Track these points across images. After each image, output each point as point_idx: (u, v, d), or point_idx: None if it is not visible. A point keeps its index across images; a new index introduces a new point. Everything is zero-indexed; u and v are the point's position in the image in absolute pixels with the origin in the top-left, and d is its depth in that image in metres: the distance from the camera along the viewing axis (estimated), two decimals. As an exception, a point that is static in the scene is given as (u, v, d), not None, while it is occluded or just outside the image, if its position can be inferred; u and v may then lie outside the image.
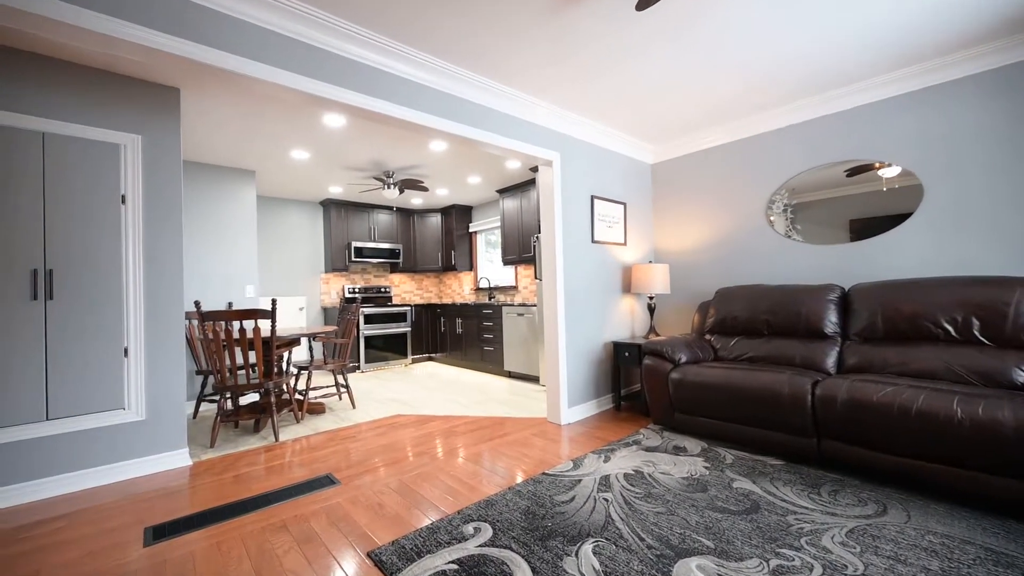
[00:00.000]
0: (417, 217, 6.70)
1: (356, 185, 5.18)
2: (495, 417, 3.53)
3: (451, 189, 5.56)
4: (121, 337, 2.45)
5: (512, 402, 4.01)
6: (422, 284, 7.12)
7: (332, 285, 6.19)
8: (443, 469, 2.49)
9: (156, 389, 2.55)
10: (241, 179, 4.38)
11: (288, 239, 5.82)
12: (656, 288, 3.69)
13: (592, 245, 3.65)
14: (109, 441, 2.40)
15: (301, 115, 3.21)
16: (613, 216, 3.85)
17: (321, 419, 3.57)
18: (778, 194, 3.45)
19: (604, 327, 3.72)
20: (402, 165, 4.47)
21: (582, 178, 3.57)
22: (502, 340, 5.17)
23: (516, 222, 5.36)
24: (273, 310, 3.00)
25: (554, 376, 3.33)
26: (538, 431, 3.14)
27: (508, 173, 4.96)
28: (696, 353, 3.08)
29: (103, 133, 2.42)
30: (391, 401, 4.15)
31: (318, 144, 3.81)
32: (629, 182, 4.05)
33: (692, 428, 2.84)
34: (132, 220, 2.49)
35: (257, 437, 3.14)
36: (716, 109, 3.32)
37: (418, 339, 6.35)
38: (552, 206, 3.33)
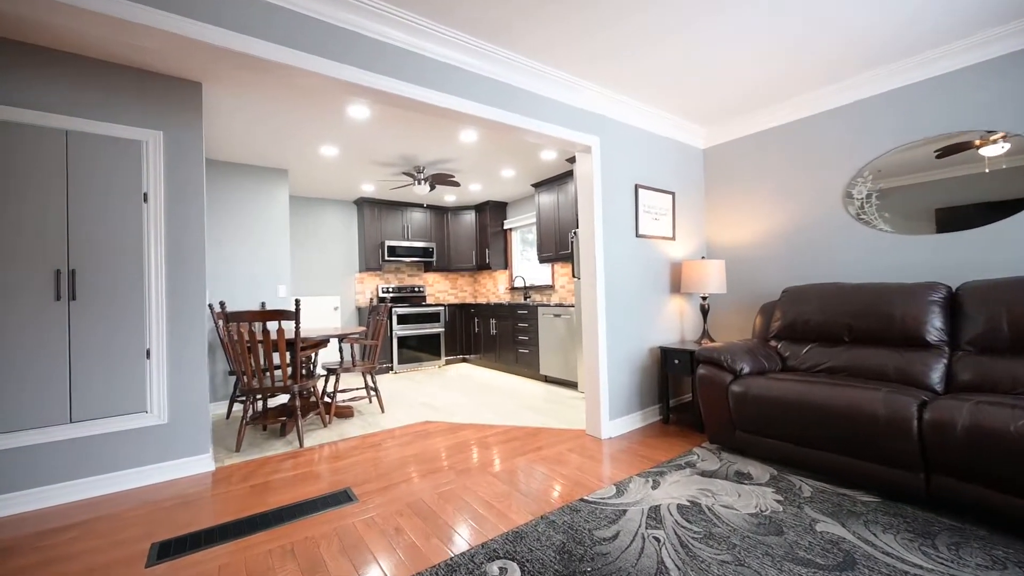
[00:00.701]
0: (451, 215, 6.54)
1: (387, 182, 5.07)
2: (529, 427, 3.26)
3: (484, 184, 5.34)
4: (143, 338, 2.38)
5: (547, 410, 3.72)
6: (456, 283, 6.97)
7: (366, 285, 6.14)
8: (469, 488, 2.25)
9: (178, 392, 2.48)
10: (274, 178, 4.36)
11: (323, 239, 5.82)
12: (710, 287, 3.28)
13: (636, 240, 3.29)
14: (131, 445, 2.34)
15: (327, 109, 3.07)
16: (660, 207, 3.47)
17: (348, 424, 3.44)
18: (859, 177, 2.95)
19: (650, 330, 3.35)
20: (432, 159, 4.29)
21: (625, 165, 3.22)
22: (538, 342, 4.88)
23: (552, 217, 5.06)
24: (297, 311, 2.88)
25: (594, 384, 3.01)
26: (575, 445, 2.84)
27: (543, 165, 4.66)
28: (760, 362, 2.67)
29: (124, 130, 2.36)
30: (421, 406, 3.97)
31: (346, 139, 3.69)
32: (678, 169, 3.65)
33: (757, 450, 2.44)
34: (154, 218, 2.42)
35: (283, 442, 3.04)
36: (780, 82, 2.87)
37: (452, 340, 6.19)
38: (591, 197, 3.01)
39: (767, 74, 2.78)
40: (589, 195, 3.03)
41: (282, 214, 4.38)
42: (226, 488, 2.31)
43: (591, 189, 3.01)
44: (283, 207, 4.39)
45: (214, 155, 3.95)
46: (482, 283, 6.98)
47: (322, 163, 4.30)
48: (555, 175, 5.02)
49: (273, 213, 4.33)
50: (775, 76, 2.81)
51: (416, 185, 4.43)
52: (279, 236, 4.35)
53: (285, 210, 4.40)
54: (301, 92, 2.83)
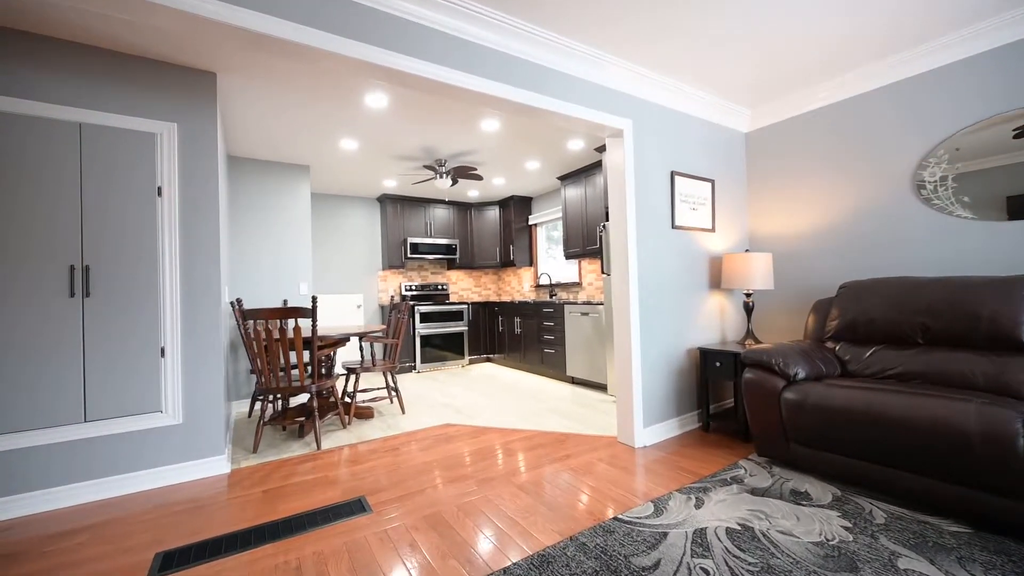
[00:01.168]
0: (474, 211, 6.39)
1: (408, 176, 4.95)
2: (556, 433, 3.05)
3: (508, 178, 5.16)
4: (157, 336, 2.32)
5: (575, 414, 3.50)
6: (480, 281, 6.82)
7: (389, 282, 6.07)
8: (491, 500, 2.07)
9: (193, 391, 2.41)
10: (296, 174, 4.31)
11: (346, 236, 5.78)
12: (755, 283, 2.98)
13: (672, 232, 3.03)
14: (145, 445, 2.28)
15: (344, 98, 2.96)
16: (698, 196, 3.20)
17: (368, 425, 3.33)
18: (932, 158, 2.60)
19: (687, 330, 3.08)
20: (454, 151, 4.14)
21: (659, 150, 2.97)
22: (564, 342, 4.67)
23: (579, 211, 4.83)
24: (313, 309, 2.77)
25: (626, 388, 2.78)
26: (607, 454, 2.62)
27: (570, 156, 4.44)
28: (817, 366, 2.37)
29: (138, 122, 2.30)
30: (443, 407, 3.83)
31: (365, 131, 3.58)
32: (717, 155, 3.36)
33: (815, 466, 2.16)
34: (168, 213, 2.36)
35: (301, 443, 2.95)
36: (838, 51, 2.56)
37: (475, 339, 6.04)
38: (623, 186, 2.77)
39: (823, 42, 2.47)
40: (621, 183, 2.79)
41: (304, 211, 4.33)
42: (239, 493, 2.22)
43: (623, 177, 2.77)
44: (305, 204, 4.34)
45: (235, 152, 3.92)
46: (506, 280, 6.81)
47: (343, 158, 4.22)
48: (582, 167, 4.78)
49: (295, 210, 4.29)
50: (832, 43, 2.50)
51: (437, 179, 4.29)
52: (301, 233, 4.30)
53: (307, 207, 4.35)
54: (318, 81, 2.72)
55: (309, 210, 4.36)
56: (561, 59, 2.45)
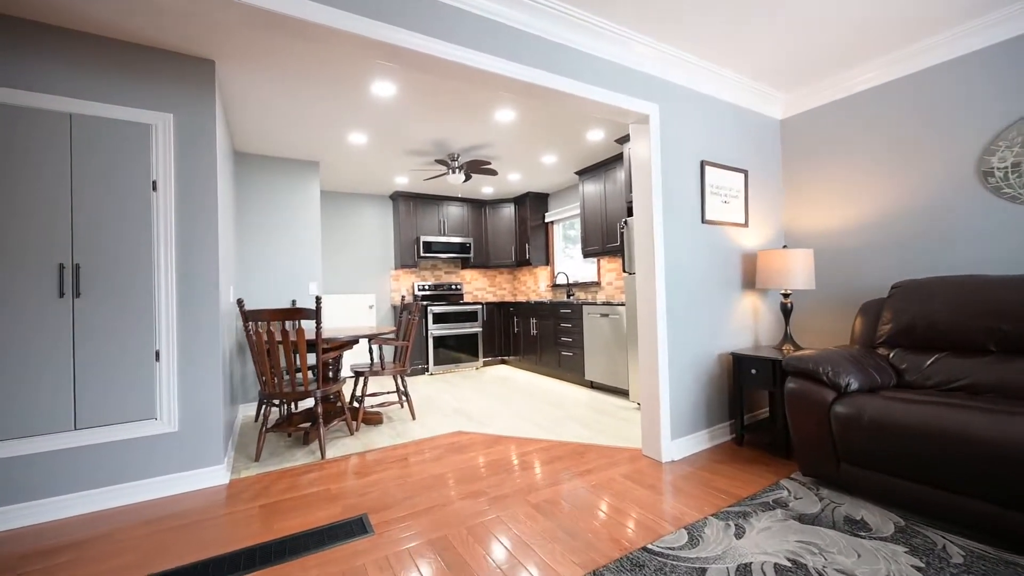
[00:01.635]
0: (489, 208, 6.21)
1: (420, 172, 4.79)
2: (575, 443, 2.84)
3: (524, 173, 4.95)
4: (152, 339, 2.19)
5: (595, 422, 3.28)
6: (495, 280, 6.63)
7: (402, 282, 5.93)
8: (504, 522, 1.87)
9: (190, 397, 2.28)
10: (304, 171, 4.19)
11: (358, 235, 5.66)
12: (795, 282, 2.72)
13: (702, 227, 2.78)
14: (138, 455, 2.15)
15: (350, 87, 2.80)
16: (730, 188, 2.94)
17: (376, 432, 3.17)
18: (1002, 141, 2.30)
19: (718, 333, 2.83)
20: (466, 145, 3.96)
21: (688, 138, 2.73)
22: (582, 344, 4.44)
23: (598, 208, 4.59)
24: (317, 309, 2.62)
25: (652, 396, 2.55)
26: (631, 469, 2.39)
27: (589, 149, 4.21)
28: (871, 376, 2.11)
29: (132, 112, 2.17)
30: (455, 413, 3.65)
31: (374, 124, 3.42)
32: (750, 144, 3.09)
33: (871, 489, 1.90)
34: (164, 209, 2.23)
35: (305, 451, 2.80)
36: (886, 27, 2.28)
37: (490, 340, 5.86)
38: (649, 176, 2.54)
39: (871, 13, 2.20)
40: (646, 174, 2.56)
41: (314, 209, 4.21)
42: (235, 507, 2.07)
43: (648, 167, 2.54)
44: (315, 201, 4.22)
45: (242, 148, 3.81)
46: (522, 280, 6.61)
47: (352, 153, 4.08)
48: (601, 160, 4.54)
49: (305, 208, 4.17)
50: (883, 14, 2.22)
51: (450, 174, 4.11)
52: (310, 232, 4.19)
53: (316, 205, 4.23)
54: (321, 69, 2.57)
55: (319, 208, 4.24)
56: (581, 37, 2.24)
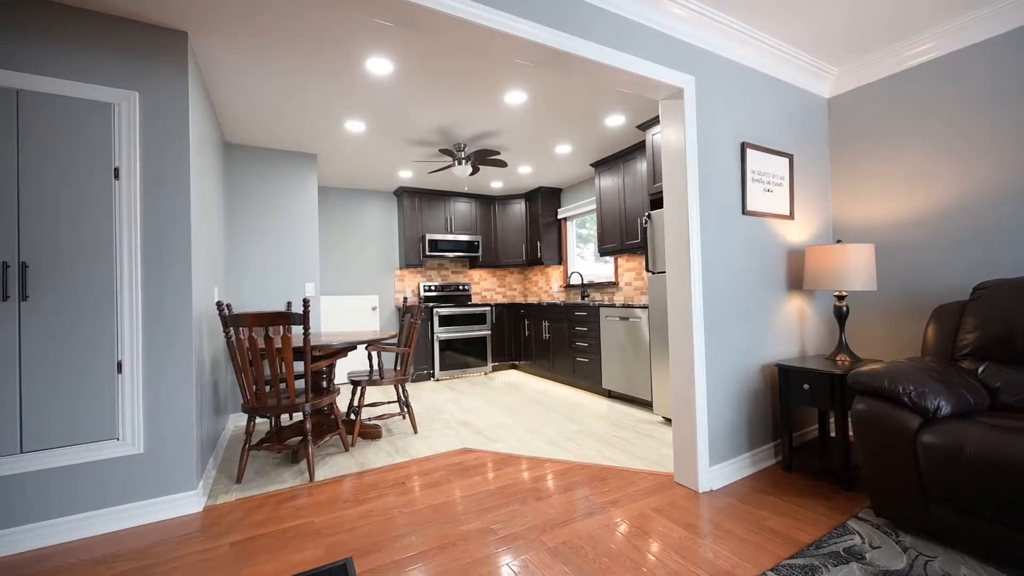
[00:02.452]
0: (498, 204, 5.89)
1: (424, 164, 4.49)
2: (595, 466, 2.50)
3: (536, 165, 4.62)
4: (113, 348, 1.91)
5: (617, 439, 2.94)
6: (504, 281, 6.31)
7: (407, 283, 5.65)
8: (514, 572, 1.54)
9: (158, 414, 1.99)
10: (301, 164, 3.92)
11: (360, 233, 5.38)
12: (852, 282, 2.34)
13: (743, 219, 2.43)
14: (96, 481, 1.87)
15: (342, 64, 2.50)
16: (773, 175, 2.58)
17: (374, 448, 2.87)
18: (1117, 110, 1.90)
19: (760, 342, 2.47)
20: (474, 133, 3.64)
21: (727, 117, 2.37)
22: (599, 350, 4.09)
23: (616, 202, 4.24)
24: (305, 314, 2.33)
25: (686, 414, 2.20)
26: (663, 502, 2.05)
27: (607, 136, 3.86)
28: (963, 397, 1.73)
29: (90, 89, 1.90)
30: (462, 426, 3.33)
31: (372, 109, 3.12)
32: (795, 124, 2.72)
33: (973, 540, 1.53)
34: (127, 200, 1.95)
35: (293, 471, 2.51)
36: (988, -31, 1.90)
37: (499, 344, 5.54)
38: (682, 160, 2.20)
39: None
40: (679, 158, 2.21)
41: (311, 205, 3.94)
42: (203, 545, 1.78)
43: (682, 149, 2.20)
44: (312, 196, 3.95)
45: (232, 138, 3.55)
46: (533, 280, 6.27)
47: (351, 144, 3.79)
48: (620, 150, 4.19)
49: (301, 203, 3.90)
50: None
51: (456, 166, 3.80)
52: (308, 230, 3.91)
53: (314, 200, 3.95)
54: (309, 45, 2.27)
55: (316, 203, 3.96)
56: (606, -6, 1.90)
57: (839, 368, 2.20)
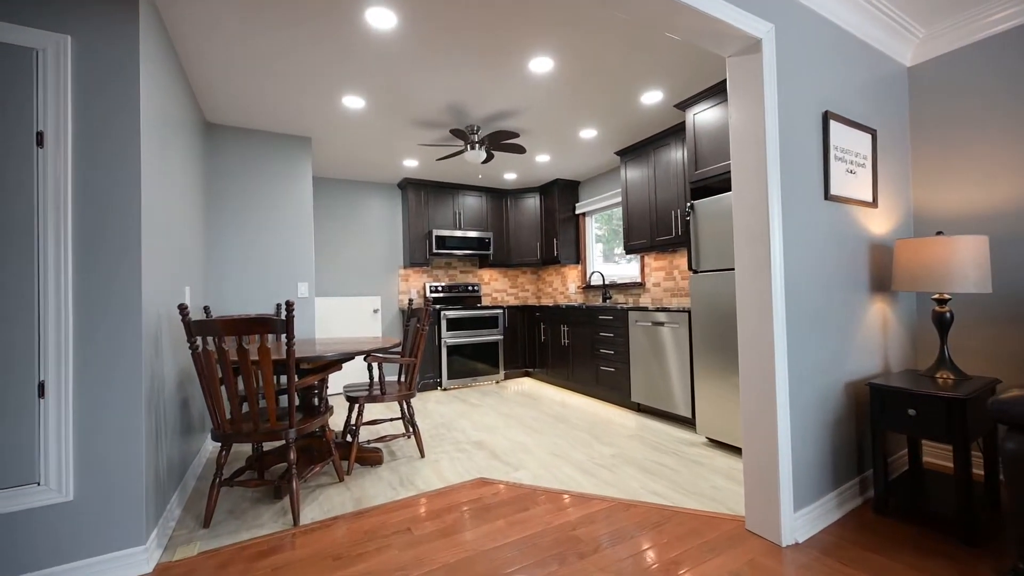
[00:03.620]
0: (511, 199, 5.46)
1: (432, 150, 4.06)
2: (641, 504, 2.06)
3: (555, 153, 4.19)
4: (32, 364, 1.49)
5: (658, 466, 2.49)
6: (516, 281, 5.87)
7: (412, 282, 5.22)
8: None
9: (94, 450, 1.56)
10: (293, 148, 3.50)
11: (361, 228, 4.96)
12: (960, 282, 1.89)
13: (824, 205, 1.98)
14: (8, 539, 1.44)
15: (335, 18, 2.08)
16: (857, 152, 2.13)
17: (373, 477, 2.44)
18: None
19: (843, 354, 2.03)
20: (489, 112, 3.21)
21: (807, 79, 1.93)
22: (628, 358, 3.65)
23: (644, 194, 3.81)
24: (288, 320, 1.90)
25: (764, 449, 1.75)
26: (741, 561, 1.60)
27: (639, 118, 3.42)
28: None
29: (5, 30, 1.47)
30: (475, 447, 2.90)
31: (373, 79, 2.70)
32: (877, 94, 2.28)
33: None
34: (54, 173, 1.52)
35: (275, 510, 2.08)
36: None
37: (512, 349, 5.10)
38: (759, 131, 1.76)
39: None
40: (755, 126, 1.77)
41: (305, 194, 3.52)
42: (145, 626, 1.35)
43: (759, 118, 1.76)
44: (306, 185, 3.53)
45: (213, 117, 3.13)
46: (547, 281, 5.83)
47: (350, 125, 3.37)
48: (649, 136, 3.76)
49: (294, 193, 3.48)
50: None
51: (468, 151, 3.37)
52: (301, 223, 3.49)
53: (308, 190, 3.53)
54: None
55: (311, 194, 3.54)
56: (675, -92, 1.47)
57: (950, 389, 1.76)
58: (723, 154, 2.83)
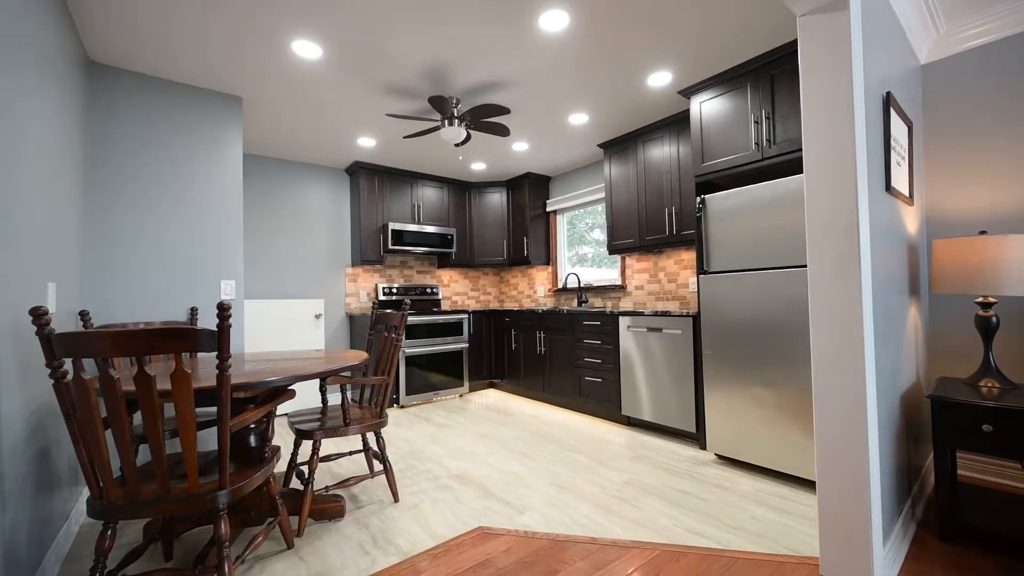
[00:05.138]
0: (475, 192, 4.97)
1: (400, 123, 3.47)
2: (689, 550, 1.69)
3: (536, 140, 3.78)
4: None
5: (680, 494, 2.15)
6: (477, 283, 5.38)
7: (361, 283, 4.52)
8: None
9: None
10: (217, 110, 2.74)
11: (301, 219, 4.18)
12: (1012, 284, 1.77)
13: (885, 198, 1.77)
14: None
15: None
16: (901, 144, 1.97)
17: (336, 537, 1.83)
18: None
19: (900, 364, 1.83)
20: (476, 82, 2.72)
21: (873, 52, 1.71)
22: (617, 368, 3.33)
23: (631, 191, 3.56)
24: (222, 331, 1.28)
25: (852, 481, 1.46)
26: (847, 629, 1.28)
27: (637, 103, 3.13)
28: None
29: None
30: (459, 483, 2.37)
31: (335, 23, 2.10)
32: (910, 85, 2.16)
33: None
34: None
35: (195, 608, 1.41)
36: None
37: (476, 359, 4.59)
38: (847, 100, 1.48)
39: None
40: (841, 95, 1.49)
41: (231, 171, 2.77)
42: None
43: (846, 84, 1.48)
44: (232, 159, 2.78)
45: (97, 53, 2.32)
46: (511, 283, 5.40)
47: (298, 83, 2.69)
48: (635, 130, 3.50)
49: (216, 167, 2.72)
50: None
51: (445, 127, 2.85)
52: (226, 205, 2.74)
53: (236, 164, 2.79)
54: None
55: (240, 169, 2.79)
56: None
57: (979, 397, 1.60)
58: (735, 146, 2.61)
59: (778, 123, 2.42)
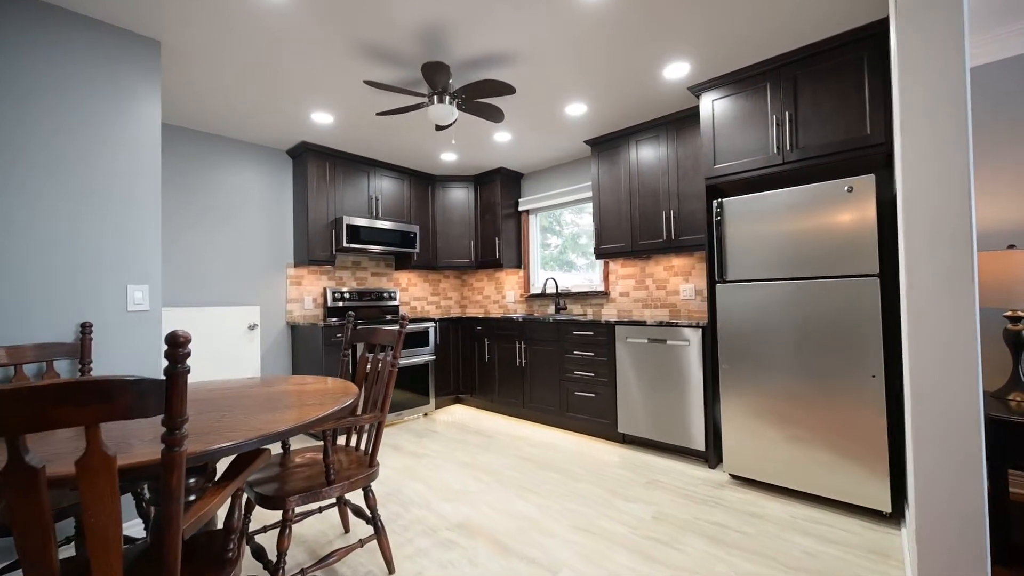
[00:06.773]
0: (439, 186, 4.48)
1: (365, 98, 2.91)
2: (773, 613, 1.44)
3: (521, 131, 3.41)
4: None
5: (715, 527, 1.93)
6: (438, 287, 4.88)
7: (307, 287, 3.82)
8: None
9: None
10: (127, 57, 2.03)
11: (231, 209, 3.41)
12: (1045, 299, 1.77)
13: (946, 205, 1.67)
14: None
15: None
16: (941, 152, 1.91)
17: (326, 647, 1.32)
18: None
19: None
20: (479, 51, 2.29)
21: (946, 51, 1.59)
22: (614, 382, 3.08)
23: (622, 193, 3.35)
24: (174, 379, 0.76)
25: (963, 501, 1.30)
26: None
27: (647, 97, 2.89)
28: None
29: None
30: (463, 534, 1.93)
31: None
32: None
33: None
34: None
35: None
36: None
37: (442, 372, 4.11)
38: (961, 85, 1.32)
39: None
40: (955, 79, 1.33)
41: (145, 139, 2.06)
42: None
43: (959, 66, 1.32)
44: (147, 128, 2.07)
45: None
46: (475, 288, 4.97)
47: (243, 27, 2.07)
48: (628, 127, 3.29)
49: (123, 134, 2.00)
50: None
51: (432, 103, 2.38)
52: (136, 189, 2.03)
53: (152, 130, 2.08)
54: None
55: (158, 137, 2.09)
56: None
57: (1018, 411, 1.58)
58: (750, 149, 2.47)
59: (800, 127, 2.32)
